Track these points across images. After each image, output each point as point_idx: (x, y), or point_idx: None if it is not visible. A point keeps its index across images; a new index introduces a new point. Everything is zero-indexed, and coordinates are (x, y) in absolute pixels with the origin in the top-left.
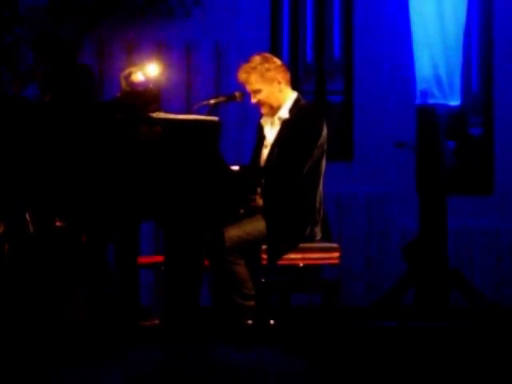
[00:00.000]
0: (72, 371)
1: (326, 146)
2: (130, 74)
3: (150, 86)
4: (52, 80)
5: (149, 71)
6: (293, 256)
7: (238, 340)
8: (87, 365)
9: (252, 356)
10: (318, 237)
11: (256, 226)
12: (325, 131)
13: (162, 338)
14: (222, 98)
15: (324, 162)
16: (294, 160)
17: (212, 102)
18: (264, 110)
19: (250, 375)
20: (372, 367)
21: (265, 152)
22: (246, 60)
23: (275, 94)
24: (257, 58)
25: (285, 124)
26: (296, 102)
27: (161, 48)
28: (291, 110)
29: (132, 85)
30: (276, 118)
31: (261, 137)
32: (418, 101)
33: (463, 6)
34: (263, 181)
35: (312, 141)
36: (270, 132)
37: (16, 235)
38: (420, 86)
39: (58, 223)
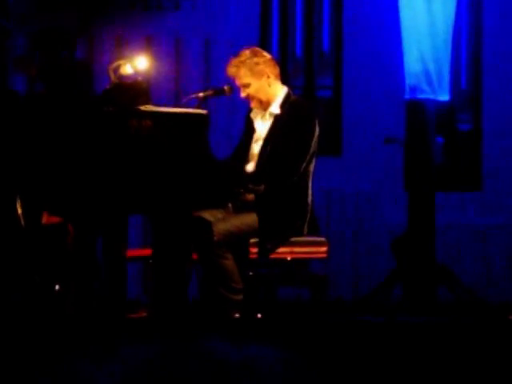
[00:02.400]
0: (63, 365)
1: (317, 143)
2: (118, 67)
3: (139, 78)
4: (50, 74)
5: (138, 64)
6: (281, 250)
7: (226, 333)
8: (78, 358)
9: (241, 350)
10: (305, 231)
11: (245, 220)
12: (317, 127)
13: (150, 330)
14: (210, 92)
15: (315, 158)
16: (292, 160)
17: (201, 95)
18: (253, 105)
19: (239, 369)
20: (359, 362)
21: (255, 146)
22: (235, 54)
23: (264, 88)
24: (246, 52)
25: (277, 120)
26: (287, 97)
27: (150, 41)
28: (282, 106)
29: (121, 78)
30: (267, 113)
31: (249, 130)
32: (407, 96)
33: (452, 1)
34: (262, 184)
35: (308, 139)
36: (261, 126)
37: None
38: (409, 81)
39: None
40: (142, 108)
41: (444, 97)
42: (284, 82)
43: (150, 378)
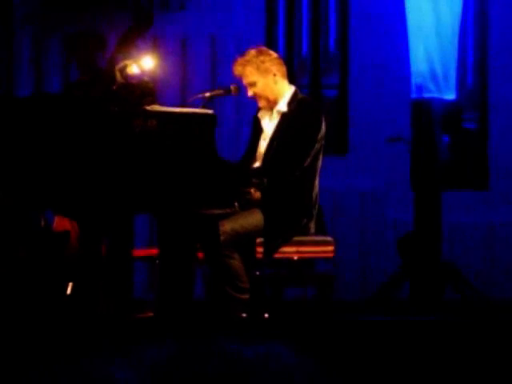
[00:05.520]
0: (76, 365)
1: (323, 141)
2: (125, 67)
3: (145, 78)
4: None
5: (144, 64)
6: (287, 249)
7: (234, 333)
8: (87, 358)
9: (253, 348)
10: (312, 231)
11: (251, 219)
12: (324, 125)
13: (157, 330)
14: (217, 92)
15: (321, 157)
16: (295, 155)
17: (207, 95)
18: (261, 103)
19: (255, 367)
20: (366, 361)
21: (263, 145)
22: (241, 53)
23: (271, 86)
24: (252, 51)
25: (284, 117)
26: (294, 96)
27: (156, 41)
28: (289, 104)
29: (127, 77)
30: (274, 111)
31: (257, 129)
32: (413, 95)
33: (459, 0)
34: (265, 178)
35: (313, 135)
36: (268, 125)
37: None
38: (415, 80)
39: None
40: (148, 108)
41: (450, 96)
42: (290, 81)
43: (167, 377)
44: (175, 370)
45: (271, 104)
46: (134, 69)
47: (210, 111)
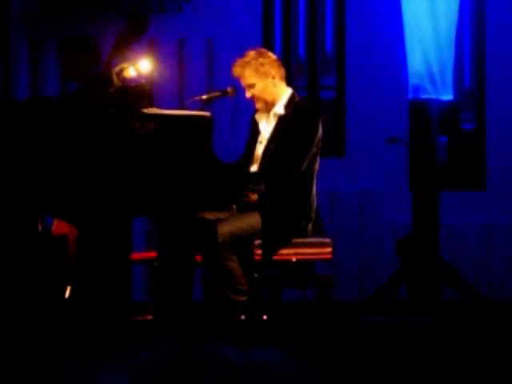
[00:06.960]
0: (68, 367)
1: (321, 144)
2: (122, 70)
3: (142, 81)
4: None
5: (141, 67)
6: (285, 251)
7: (232, 336)
8: (83, 360)
9: (247, 353)
10: (310, 233)
11: (249, 221)
12: (321, 128)
13: (155, 333)
14: (214, 94)
15: (318, 159)
16: (293, 158)
17: (204, 97)
18: (258, 105)
19: (247, 372)
20: (365, 362)
21: (259, 147)
22: (241, 55)
23: (269, 88)
24: (251, 53)
25: (281, 120)
26: (291, 99)
27: (153, 44)
28: (286, 107)
29: (124, 80)
30: (271, 113)
31: (255, 132)
32: (410, 96)
33: (455, 1)
34: (263, 184)
35: (310, 138)
36: (265, 128)
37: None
38: (412, 81)
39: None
40: (146, 111)
41: (447, 96)
42: (287, 82)
43: (157, 380)
44: (172, 373)
45: (269, 106)
46: (130, 72)
47: (207, 113)
